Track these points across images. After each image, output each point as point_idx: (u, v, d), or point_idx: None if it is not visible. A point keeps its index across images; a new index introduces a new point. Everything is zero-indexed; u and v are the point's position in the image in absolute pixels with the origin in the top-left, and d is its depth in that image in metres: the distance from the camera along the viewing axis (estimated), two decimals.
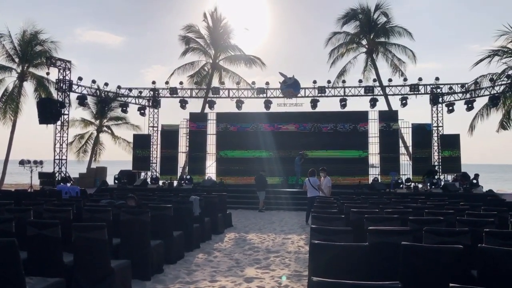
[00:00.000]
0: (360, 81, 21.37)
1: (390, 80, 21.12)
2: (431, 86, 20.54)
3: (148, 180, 20.91)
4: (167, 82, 22.40)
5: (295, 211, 14.91)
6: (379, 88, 21.78)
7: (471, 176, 18.96)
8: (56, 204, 7.91)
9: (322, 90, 20.66)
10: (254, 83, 21.81)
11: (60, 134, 19.13)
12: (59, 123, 18.91)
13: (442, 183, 18.82)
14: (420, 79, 20.40)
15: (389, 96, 22.40)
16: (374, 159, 20.41)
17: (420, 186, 18.54)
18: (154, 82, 22.16)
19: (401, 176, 19.72)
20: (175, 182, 20.23)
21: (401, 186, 18.79)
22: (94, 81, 20.70)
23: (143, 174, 22.00)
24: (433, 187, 18.09)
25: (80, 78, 19.88)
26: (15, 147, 25.81)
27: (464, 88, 19.96)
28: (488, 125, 23.59)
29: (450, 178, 20.56)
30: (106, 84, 21.11)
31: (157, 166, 22.47)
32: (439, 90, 20.53)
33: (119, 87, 21.67)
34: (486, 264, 3.46)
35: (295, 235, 10.12)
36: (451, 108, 20.21)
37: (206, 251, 8.13)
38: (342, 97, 20.64)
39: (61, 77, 19.23)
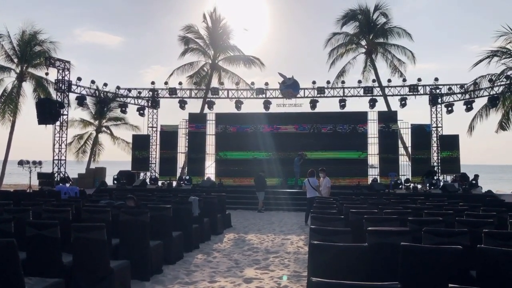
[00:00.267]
0: (360, 81, 21.39)
1: (390, 80, 21.13)
2: (430, 87, 20.56)
3: (147, 180, 20.91)
4: (166, 83, 22.39)
5: (294, 212, 14.91)
6: (378, 89, 21.80)
7: (470, 177, 18.98)
8: (55, 205, 7.90)
9: (321, 90, 20.65)
10: (253, 83, 21.82)
11: (59, 134, 19.11)
12: (58, 123, 18.88)
13: (441, 183, 18.83)
14: (419, 79, 20.42)
15: (388, 97, 22.42)
16: (373, 159, 20.44)
17: (419, 186, 18.55)
18: (153, 83, 22.17)
19: (400, 176, 19.72)
20: (174, 183, 20.23)
21: (400, 186, 18.79)
22: (93, 81, 20.68)
23: (142, 174, 21.99)
24: (432, 187, 18.10)
25: (79, 79, 19.86)
26: (14, 148, 25.81)
27: (463, 88, 19.98)
28: (487, 125, 23.60)
29: (449, 178, 20.58)
30: (105, 84, 21.10)
31: (156, 166, 22.46)
32: (438, 91, 20.55)
33: (118, 87, 21.65)
34: (485, 265, 3.46)
35: (295, 236, 10.12)
36: (450, 108, 20.23)
37: (205, 252, 8.12)
38: (342, 97, 20.64)
39: (60, 77, 19.20)
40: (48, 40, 25.43)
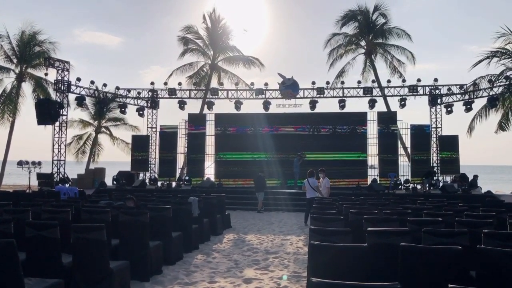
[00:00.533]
0: (359, 82, 21.40)
1: (389, 81, 21.15)
2: (430, 87, 20.59)
3: (147, 181, 20.90)
4: (165, 83, 22.38)
5: (294, 212, 14.90)
6: (378, 89, 21.80)
7: (470, 177, 18.99)
8: (54, 205, 7.91)
9: (321, 91, 20.65)
10: (253, 84, 21.83)
11: (59, 135, 19.10)
12: (57, 124, 18.88)
13: (441, 184, 18.84)
14: (418, 80, 20.44)
15: (387, 97, 22.42)
16: (373, 160, 20.43)
17: (418, 187, 18.55)
18: (153, 83, 22.17)
19: (400, 177, 19.72)
20: (174, 183, 20.22)
21: (400, 187, 18.79)
22: (92, 82, 20.67)
23: (141, 175, 21.98)
24: (431, 188, 18.10)
25: (78, 79, 19.85)
26: (13, 148, 25.80)
27: (463, 89, 20.00)
28: (487, 126, 23.62)
29: (448, 179, 20.59)
30: (105, 85, 21.09)
31: (155, 167, 22.45)
32: (437, 91, 20.56)
33: (117, 88, 21.64)
34: (485, 265, 3.46)
35: (294, 236, 10.12)
36: (449, 109, 20.24)
37: (205, 252, 8.12)
38: (341, 98, 20.64)
39: (59, 77, 19.20)
40: (48, 40, 25.45)
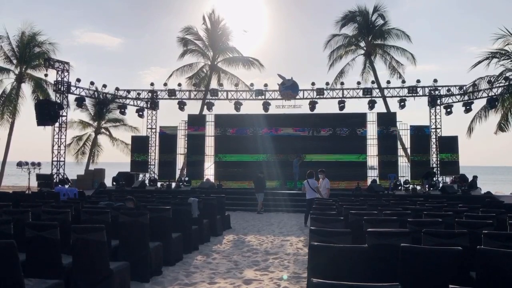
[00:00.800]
0: (359, 83, 21.39)
1: (389, 82, 21.16)
2: (429, 88, 20.60)
3: (147, 181, 20.89)
4: (165, 84, 22.38)
5: (293, 213, 14.91)
6: (378, 90, 21.80)
7: (470, 178, 19.00)
8: (54, 206, 7.91)
9: (320, 92, 20.64)
10: (252, 84, 21.83)
11: (58, 135, 19.10)
12: (57, 124, 18.87)
13: (441, 185, 18.84)
14: (418, 81, 20.44)
15: (387, 98, 22.40)
16: (373, 161, 20.42)
17: (418, 188, 18.55)
18: (153, 84, 22.16)
19: (399, 178, 19.72)
20: (173, 184, 20.21)
21: (399, 188, 18.79)
22: (92, 82, 20.68)
23: (141, 176, 21.97)
24: (431, 189, 18.10)
25: (78, 80, 19.85)
26: (13, 149, 25.78)
27: (462, 90, 20.00)
28: (487, 127, 23.63)
29: (448, 180, 20.59)
30: (105, 85, 21.08)
31: (155, 168, 22.43)
32: (437, 92, 20.58)
33: (117, 88, 21.63)
34: (485, 266, 3.46)
35: (294, 237, 10.12)
36: (449, 110, 20.25)
37: (205, 253, 8.12)
38: (341, 99, 20.63)
39: (59, 78, 19.20)
40: (47, 41, 25.46)
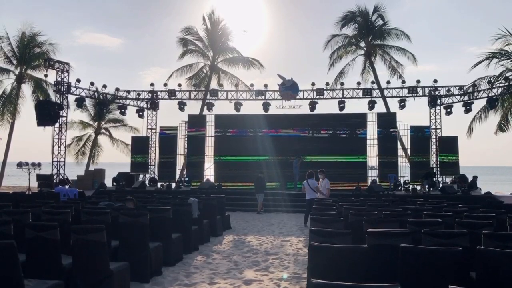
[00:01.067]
0: (359, 83, 21.38)
1: (389, 82, 21.15)
2: (429, 89, 20.59)
3: (147, 182, 20.89)
4: (165, 84, 22.39)
5: (293, 213, 14.91)
6: (377, 90, 21.81)
7: (470, 178, 19.00)
8: (54, 206, 7.91)
9: (320, 92, 20.64)
10: (252, 85, 21.82)
11: (58, 136, 19.10)
12: (57, 125, 18.87)
13: (441, 185, 18.82)
14: (418, 81, 20.44)
15: (387, 98, 22.40)
16: (373, 161, 20.41)
17: (418, 188, 18.55)
18: (153, 84, 22.17)
19: (399, 178, 19.70)
20: (173, 184, 20.21)
21: (399, 188, 18.79)
22: (92, 83, 20.66)
23: (141, 176, 21.97)
24: (431, 189, 18.10)
25: (78, 80, 19.84)
26: (13, 149, 25.80)
27: (462, 90, 20.00)
28: (486, 127, 23.64)
29: (448, 180, 20.58)
30: (105, 86, 21.07)
31: (155, 168, 22.43)
32: (437, 92, 20.58)
33: (117, 89, 21.63)
34: (485, 266, 3.46)
35: (294, 237, 10.12)
36: (449, 110, 20.24)
37: (205, 254, 8.12)
38: (341, 99, 20.62)
39: (59, 79, 19.19)
40: (47, 41, 25.52)
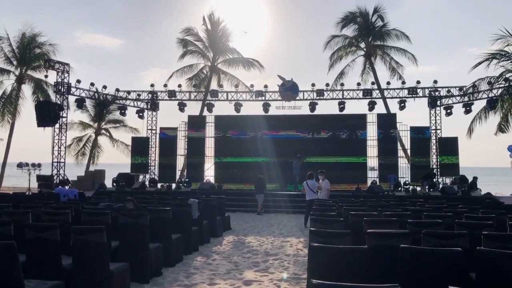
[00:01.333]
0: (359, 84, 21.39)
1: (388, 83, 21.16)
2: (429, 89, 20.60)
3: (147, 183, 20.89)
4: (165, 85, 22.41)
5: (293, 214, 14.90)
6: (378, 91, 21.82)
7: (470, 179, 19.00)
8: (54, 207, 7.91)
9: (320, 93, 20.64)
10: (252, 86, 21.84)
11: (59, 137, 19.10)
12: (57, 126, 18.89)
13: (441, 186, 18.82)
14: (418, 82, 20.44)
15: (387, 99, 22.42)
16: (373, 162, 20.40)
17: (418, 189, 18.55)
18: (153, 85, 22.18)
19: (399, 179, 19.70)
20: (173, 185, 20.21)
21: (399, 188, 18.79)
22: (92, 83, 20.67)
23: (141, 177, 21.97)
24: (431, 190, 18.09)
25: (78, 81, 19.85)
26: (13, 150, 25.84)
27: (462, 91, 20.01)
28: (487, 128, 23.64)
29: (448, 181, 20.57)
30: (105, 87, 21.09)
31: (155, 169, 22.43)
32: (437, 93, 20.59)
33: (117, 90, 21.65)
34: (485, 267, 3.47)
35: (294, 238, 10.12)
36: (449, 111, 20.24)
37: (205, 254, 8.11)
38: (341, 100, 20.63)
39: (59, 79, 19.21)
40: (48, 42, 25.54)
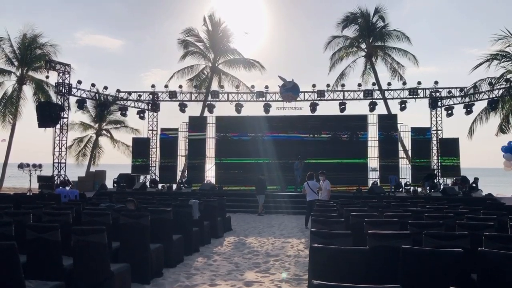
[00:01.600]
0: (360, 85, 21.38)
1: (389, 84, 21.16)
2: (430, 90, 20.59)
3: (147, 183, 20.89)
4: (166, 86, 22.43)
5: (294, 215, 14.89)
6: (378, 92, 21.81)
7: (471, 180, 18.98)
8: (55, 208, 7.91)
9: (321, 93, 20.64)
10: (253, 86, 21.85)
11: (59, 137, 19.12)
12: (58, 126, 18.91)
13: (442, 187, 18.80)
14: (419, 83, 20.44)
15: (388, 100, 22.42)
16: (374, 162, 20.38)
17: (419, 190, 18.54)
18: (154, 86, 22.19)
19: (400, 180, 19.68)
20: (174, 186, 20.21)
21: (400, 189, 18.77)
22: (93, 84, 20.70)
23: (142, 177, 21.97)
24: (432, 191, 18.08)
25: (79, 82, 19.89)
26: (14, 151, 25.83)
27: (463, 92, 20.00)
28: (487, 129, 23.68)
29: (449, 182, 20.54)
30: (106, 87, 21.10)
31: (156, 169, 22.44)
32: (438, 94, 20.58)
33: (118, 90, 21.67)
34: (486, 268, 3.46)
35: (295, 239, 10.11)
36: (450, 112, 20.23)
37: (206, 255, 8.11)
38: (341, 100, 20.62)
39: (60, 80, 19.23)
40: (49, 43, 25.56)
